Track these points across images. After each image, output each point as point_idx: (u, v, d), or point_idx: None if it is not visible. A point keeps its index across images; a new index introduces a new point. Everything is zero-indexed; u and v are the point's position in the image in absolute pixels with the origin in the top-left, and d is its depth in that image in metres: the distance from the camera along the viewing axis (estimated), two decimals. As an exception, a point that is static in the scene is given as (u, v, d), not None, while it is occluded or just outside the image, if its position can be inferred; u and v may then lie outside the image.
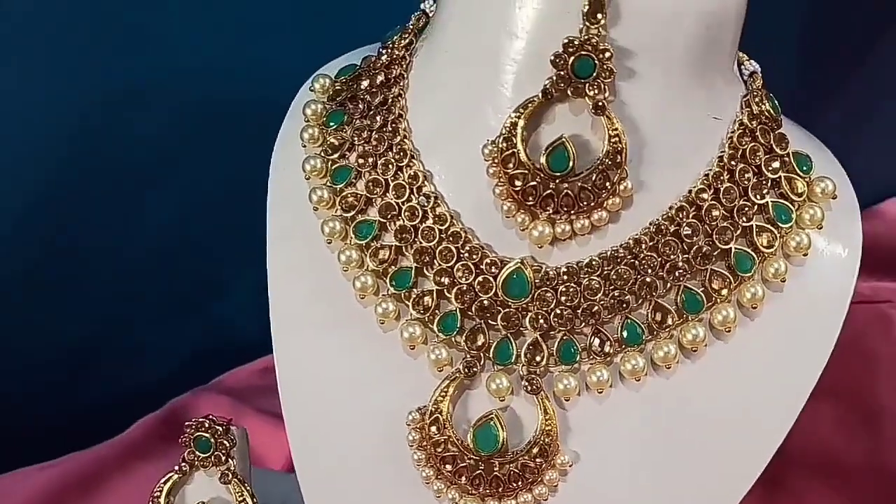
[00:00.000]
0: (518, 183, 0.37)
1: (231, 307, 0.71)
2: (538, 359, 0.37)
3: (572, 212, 0.37)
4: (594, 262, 0.37)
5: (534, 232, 0.37)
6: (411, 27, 0.43)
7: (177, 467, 0.43)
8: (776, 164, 0.39)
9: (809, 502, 0.39)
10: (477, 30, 0.38)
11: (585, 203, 0.37)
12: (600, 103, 0.35)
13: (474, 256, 0.38)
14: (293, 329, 0.40)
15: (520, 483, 0.37)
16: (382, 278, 0.39)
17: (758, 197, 0.38)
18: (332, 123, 0.41)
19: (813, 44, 0.67)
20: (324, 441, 0.39)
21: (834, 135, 0.73)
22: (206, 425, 0.42)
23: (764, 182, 0.39)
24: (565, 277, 0.37)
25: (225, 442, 0.43)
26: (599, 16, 0.34)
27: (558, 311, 0.37)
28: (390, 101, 0.40)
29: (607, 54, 0.35)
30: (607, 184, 0.36)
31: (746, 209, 0.38)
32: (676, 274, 0.37)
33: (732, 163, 0.38)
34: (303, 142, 0.42)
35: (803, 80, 0.67)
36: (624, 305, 0.37)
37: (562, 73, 0.35)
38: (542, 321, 0.37)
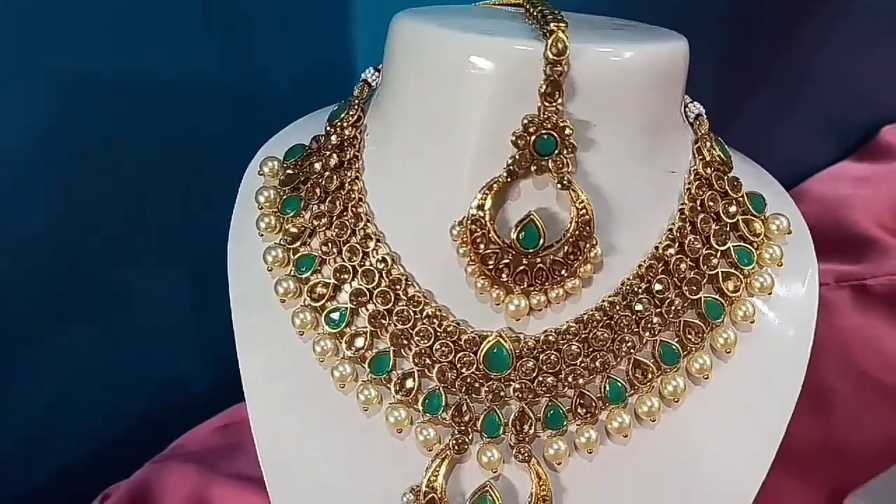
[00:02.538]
0: (490, 262, 0.37)
1: (176, 366, 0.69)
2: (526, 427, 0.38)
3: (546, 283, 0.37)
4: (572, 328, 0.38)
5: (510, 306, 0.37)
6: (356, 102, 0.42)
7: None
8: (733, 209, 0.40)
9: (767, 487, 0.40)
10: (431, 109, 0.38)
11: (559, 274, 0.37)
12: (565, 179, 0.36)
13: (451, 335, 0.38)
14: (277, 428, 0.39)
15: (522, 549, 0.38)
16: (360, 364, 0.38)
17: (720, 243, 0.39)
18: (288, 210, 0.40)
19: (735, 30, 0.68)
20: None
21: (758, 118, 0.76)
22: None
23: (724, 227, 0.40)
24: (545, 346, 0.38)
25: None
26: (557, 94, 0.34)
27: (541, 379, 0.38)
28: (347, 184, 0.40)
29: (567, 131, 0.35)
30: (579, 254, 0.37)
31: (711, 257, 0.39)
32: (651, 329, 0.38)
33: (693, 214, 0.39)
34: (260, 231, 0.41)
35: (726, 67, 0.69)
36: (604, 366, 0.38)
37: (524, 152, 0.35)
38: (526, 391, 0.38)
